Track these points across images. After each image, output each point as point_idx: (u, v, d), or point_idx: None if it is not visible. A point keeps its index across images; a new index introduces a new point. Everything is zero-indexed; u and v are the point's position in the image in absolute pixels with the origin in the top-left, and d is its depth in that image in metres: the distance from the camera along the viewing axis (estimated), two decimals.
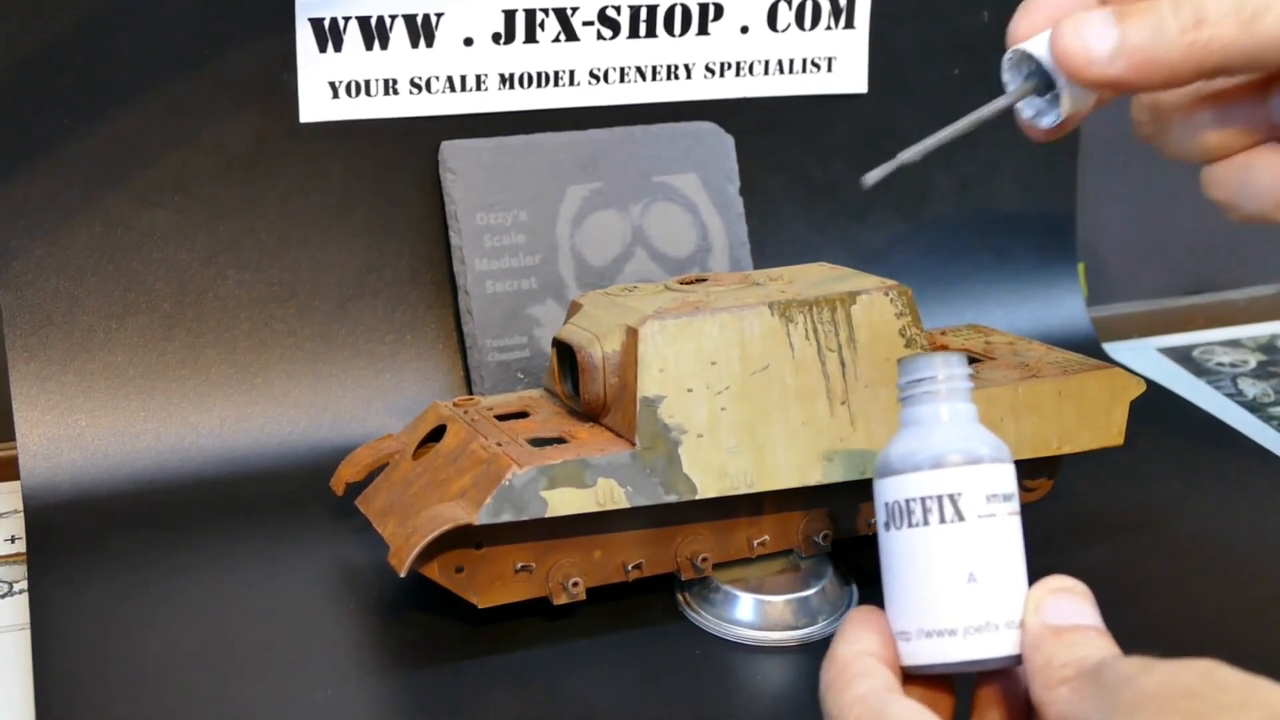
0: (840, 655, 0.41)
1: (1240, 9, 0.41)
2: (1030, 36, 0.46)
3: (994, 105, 0.47)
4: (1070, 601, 0.40)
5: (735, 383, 0.53)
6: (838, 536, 0.58)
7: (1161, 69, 0.42)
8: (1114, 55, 0.42)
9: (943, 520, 0.41)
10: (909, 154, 0.47)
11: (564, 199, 0.72)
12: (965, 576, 0.41)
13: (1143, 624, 0.43)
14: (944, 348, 0.63)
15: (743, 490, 0.54)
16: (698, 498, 0.53)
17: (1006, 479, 0.42)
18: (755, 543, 0.57)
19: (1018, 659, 0.41)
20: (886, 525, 0.43)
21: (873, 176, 0.47)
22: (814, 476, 0.55)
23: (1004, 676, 0.42)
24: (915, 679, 0.42)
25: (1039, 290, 0.83)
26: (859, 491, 0.57)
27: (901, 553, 0.42)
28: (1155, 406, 0.72)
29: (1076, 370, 0.59)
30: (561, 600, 0.54)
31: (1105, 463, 0.63)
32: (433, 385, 0.72)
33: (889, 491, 0.43)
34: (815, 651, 0.55)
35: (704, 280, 0.59)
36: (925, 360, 0.44)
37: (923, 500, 0.42)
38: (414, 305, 0.72)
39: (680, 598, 0.58)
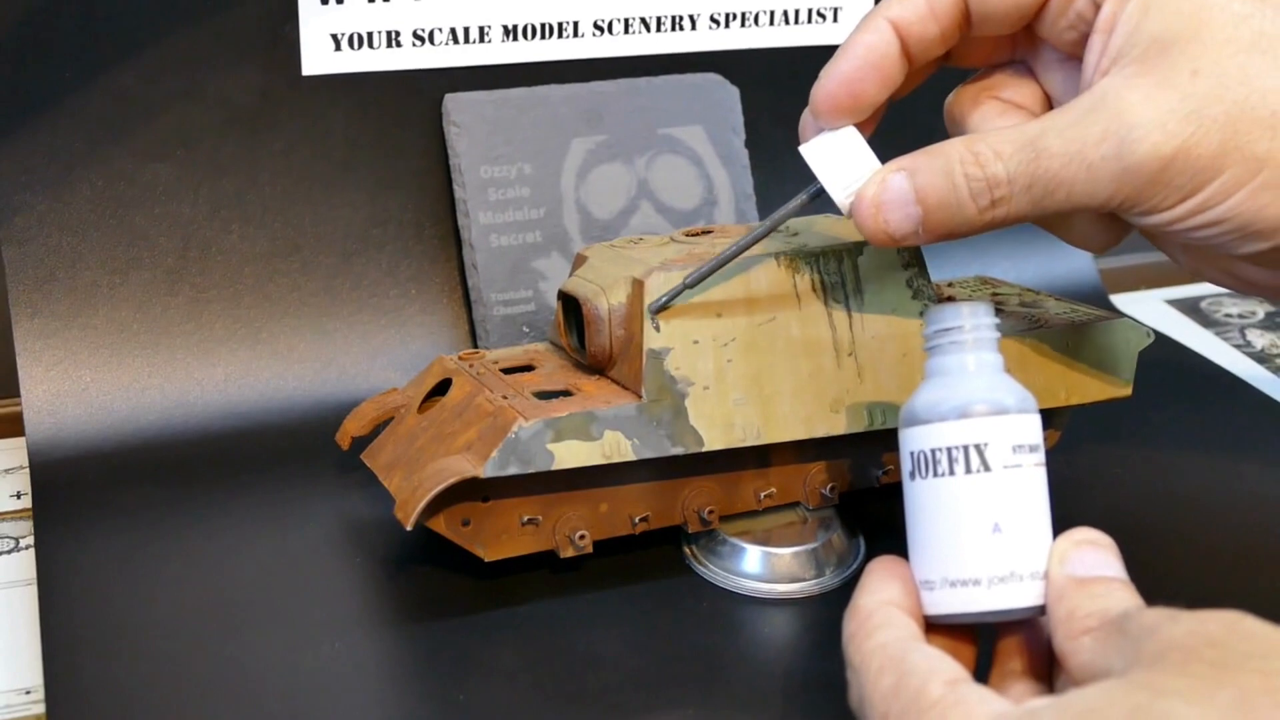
0: (862, 605, 0.41)
1: (1031, 186, 0.43)
2: (831, 100, 0.47)
3: (775, 217, 0.50)
4: (1095, 554, 0.40)
5: (742, 334, 0.53)
6: (845, 489, 0.58)
7: (960, 233, 0.46)
8: (916, 234, 0.45)
9: (968, 470, 0.41)
10: (693, 276, 0.51)
11: (568, 152, 0.72)
12: (990, 527, 0.41)
13: (1149, 575, 0.43)
14: (950, 299, 0.62)
15: (750, 442, 0.54)
16: (704, 450, 0.53)
17: (1032, 430, 0.42)
18: (762, 495, 0.57)
19: (1041, 609, 0.41)
20: (912, 474, 0.43)
21: (656, 305, 0.51)
22: (821, 428, 0.54)
23: (1026, 627, 0.42)
24: (937, 628, 0.42)
25: (1046, 242, 0.82)
26: (866, 443, 0.57)
27: (927, 502, 0.42)
28: (1163, 358, 0.72)
29: (1084, 321, 0.59)
30: (568, 553, 0.54)
31: (1113, 414, 0.62)
32: (437, 339, 0.71)
33: (915, 441, 0.43)
34: (822, 604, 0.54)
35: (710, 232, 0.59)
36: (952, 310, 0.44)
37: (949, 450, 0.42)
38: (418, 259, 0.72)
39: (687, 550, 0.57)
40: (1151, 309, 0.87)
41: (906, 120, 0.53)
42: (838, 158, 0.47)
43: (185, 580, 0.56)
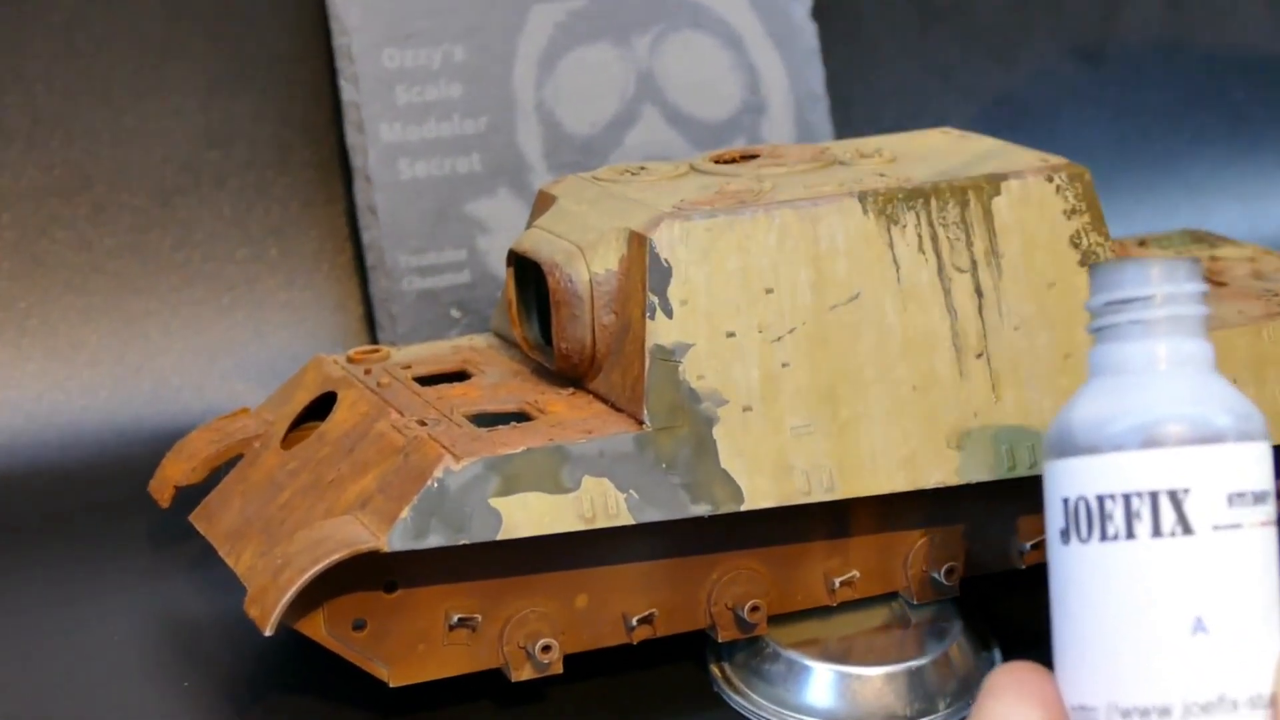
0: None
1: None
2: None
3: None
4: None
5: (805, 322, 0.53)
6: (970, 572, 0.58)
7: None
8: None
9: (1157, 532, 0.41)
10: None
11: (525, 26, 0.72)
12: (1190, 623, 0.41)
13: None
14: None
15: (818, 497, 0.54)
16: (744, 509, 0.53)
17: (1259, 468, 0.42)
18: (837, 582, 0.57)
19: None
20: (1064, 535, 0.42)
21: None
22: (933, 475, 0.55)
23: None
24: None
25: None
26: (1004, 499, 0.57)
27: (1088, 581, 0.42)
28: None
29: None
30: (524, 675, 0.54)
31: None
32: (313, 329, 0.72)
33: (1070, 481, 0.42)
34: None
35: (754, 157, 0.59)
36: (1135, 269, 0.43)
37: (1126, 498, 0.41)
38: (283, 201, 0.73)
39: (716, 670, 0.57)
40: None
41: None
42: None
43: None
